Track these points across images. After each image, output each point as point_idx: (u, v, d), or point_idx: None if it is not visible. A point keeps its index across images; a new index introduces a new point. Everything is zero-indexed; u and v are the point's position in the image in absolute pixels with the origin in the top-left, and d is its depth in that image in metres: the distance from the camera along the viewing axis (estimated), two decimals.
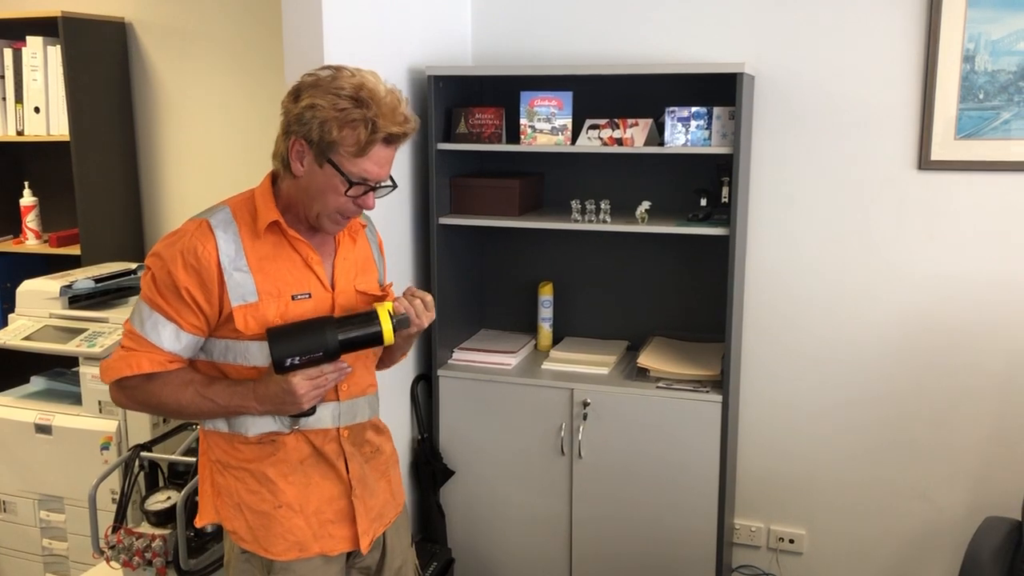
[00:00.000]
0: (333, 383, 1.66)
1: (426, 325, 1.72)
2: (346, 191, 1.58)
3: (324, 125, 1.54)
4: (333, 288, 1.70)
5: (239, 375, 1.65)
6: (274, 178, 1.68)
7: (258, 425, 1.66)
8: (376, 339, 1.64)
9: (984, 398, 2.77)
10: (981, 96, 2.63)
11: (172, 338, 1.60)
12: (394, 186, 1.67)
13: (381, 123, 1.54)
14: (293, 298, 1.64)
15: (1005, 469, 2.77)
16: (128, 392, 1.64)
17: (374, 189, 1.62)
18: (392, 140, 1.59)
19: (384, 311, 1.64)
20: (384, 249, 1.91)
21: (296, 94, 1.59)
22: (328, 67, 1.60)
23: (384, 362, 1.89)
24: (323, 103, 1.54)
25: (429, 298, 1.72)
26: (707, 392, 2.62)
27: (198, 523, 1.77)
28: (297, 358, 1.58)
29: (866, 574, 2.98)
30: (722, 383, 2.62)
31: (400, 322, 1.66)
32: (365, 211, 1.67)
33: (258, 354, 1.62)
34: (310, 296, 1.66)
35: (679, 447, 2.64)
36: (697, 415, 2.62)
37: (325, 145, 1.55)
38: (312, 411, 1.67)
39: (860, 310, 2.84)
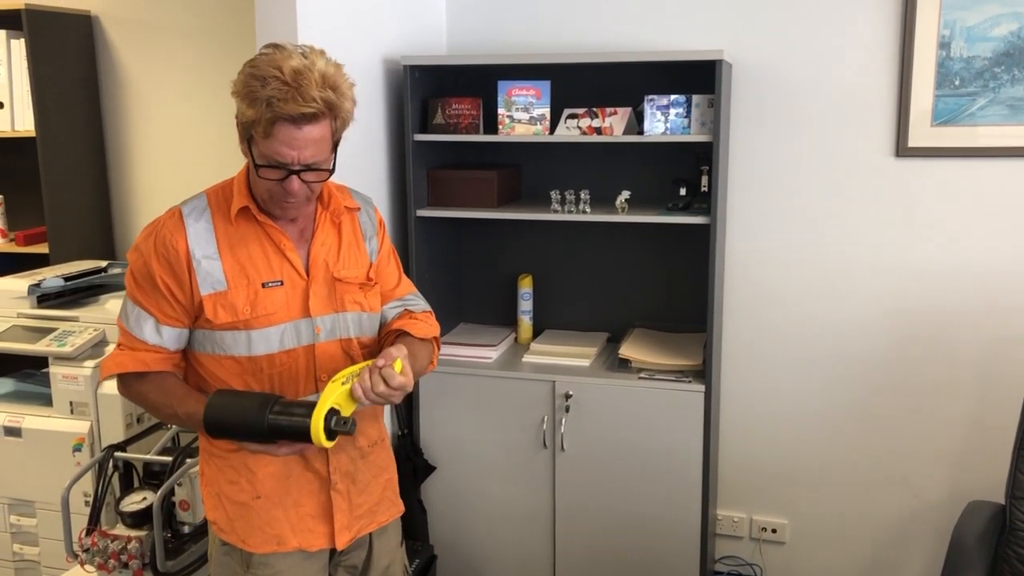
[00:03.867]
0: (293, 453, 1.59)
1: (392, 399, 1.50)
2: (257, 172, 1.52)
3: (240, 105, 1.50)
4: (308, 275, 1.65)
5: (218, 367, 1.61)
6: None
7: None
8: (304, 434, 1.43)
9: (963, 384, 2.78)
10: (957, 83, 2.64)
11: (153, 332, 1.60)
12: (331, 172, 1.56)
13: (277, 103, 1.43)
14: (264, 285, 1.60)
15: (985, 455, 2.78)
16: (124, 388, 1.65)
17: (296, 173, 1.50)
18: (299, 120, 1.46)
19: (322, 407, 1.43)
20: (385, 230, 1.84)
21: None
22: (269, 45, 1.52)
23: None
24: (239, 82, 1.49)
25: (394, 375, 1.48)
26: (689, 382, 2.60)
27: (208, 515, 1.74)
28: (227, 431, 1.49)
29: (849, 562, 2.99)
30: (704, 373, 2.61)
31: (339, 423, 1.44)
32: (362, 193, 1.62)
33: (232, 343, 1.59)
34: (282, 284, 1.61)
35: (662, 438, 2.63)
36: (680, 405, 2.60)
37: (245, 125, 1.51)
38: None
39: (839, 297, 2.84)
